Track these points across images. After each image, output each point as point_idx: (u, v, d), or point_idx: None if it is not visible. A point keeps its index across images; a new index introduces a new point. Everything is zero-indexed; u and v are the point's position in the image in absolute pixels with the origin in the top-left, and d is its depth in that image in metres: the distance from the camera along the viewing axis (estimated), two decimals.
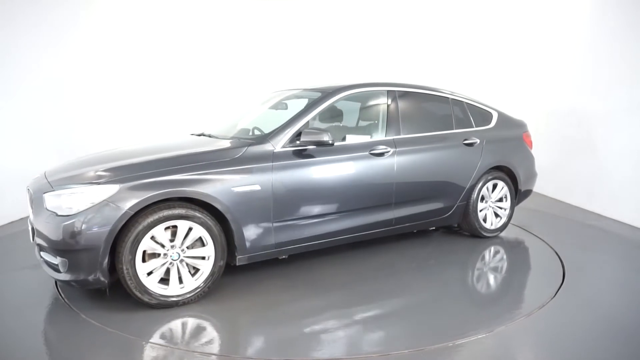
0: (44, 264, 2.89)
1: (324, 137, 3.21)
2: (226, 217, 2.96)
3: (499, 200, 4.44)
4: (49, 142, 5.56)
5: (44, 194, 2.82)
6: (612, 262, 4.07)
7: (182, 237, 2.87)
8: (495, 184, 4.38)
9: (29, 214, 2.99)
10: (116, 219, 2.63)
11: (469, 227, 4.33)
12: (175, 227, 2.85)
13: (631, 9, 5.02)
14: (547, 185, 6.26)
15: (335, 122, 3.96)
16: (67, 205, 2.68)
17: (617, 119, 5.25)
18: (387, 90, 3.92)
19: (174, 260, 2.87)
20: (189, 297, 2.92)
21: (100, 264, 2.66)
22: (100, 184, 2.71)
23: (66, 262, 2.67)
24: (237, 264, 3.11)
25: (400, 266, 3.71)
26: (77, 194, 2.70)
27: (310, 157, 3.32)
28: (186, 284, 2.92)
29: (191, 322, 2.77)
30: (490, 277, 3.65)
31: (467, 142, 4.16)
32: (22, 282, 3.38)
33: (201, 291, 2.96)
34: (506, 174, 4.45)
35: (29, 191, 3.05)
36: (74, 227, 2.62)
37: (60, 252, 2.68)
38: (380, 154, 3.62)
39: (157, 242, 2.81)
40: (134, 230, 2.70)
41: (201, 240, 2.94)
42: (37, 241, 2.84)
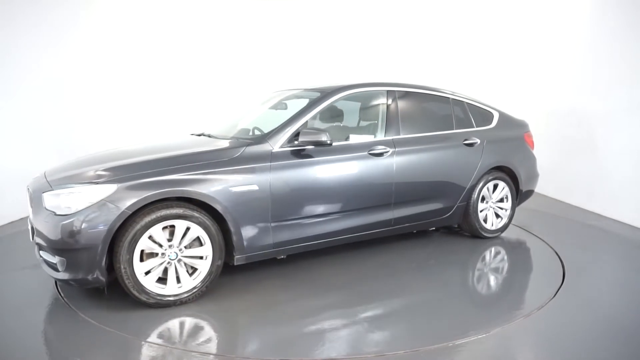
0: (43, 263, 2.91)
1: (322, 137, 3.21)
2: (224, 216, 2.96)
3: (500, 200, 4.43)
4: (49, 142, 5.56)
5: (43, 193, 2.83)
6: (612, 262, 4.07)
7: (180, 237, 2.87)
8: (496, 185, 4.37)
9: (29, 213, 3.00)
10: (114, 219, 2.65)
11: (469, 227, 4.33)
12: (173, 226, 2.85)
13: (631, 9, 5.02)
14: (547, 185, 6.26)
15: (334, 122, 3.95)
16: (66, 204, 2.70)
17: (617, 119, 5.25)
18: (387, 90, 3.92)
19: (171, 259, 2.87)
20: (187, 296, 2.93)
21: (98, 263, 2.67)
22: (98, 184, 2.72)
23: (64, 261, 2.69)
24: (235, 263, 3.11)
25: (400, 266, 3.71)
26: (76, 193, 2.71)
27: (308, 157, 3.32)
28: (184, 283, 2.93)
29: (189, 321, 2.77)
30: (490, 277, 3.65)
31: (468, 142, 4.15)
32: (22, 282, 3.38)
33: (199, 291, 2.97)
34: (507, 174, 4.43)
35: (29, 190, 3.06)
36: (72, 226, 2.63)
37: (58, 251, 2.69)
38: (379, 154, 3.62)
39: (155, 241, 2.81)
40: (131, 229, 2.71)
41: (199, 239, 2.94)
42: (37, 240, 2.85)
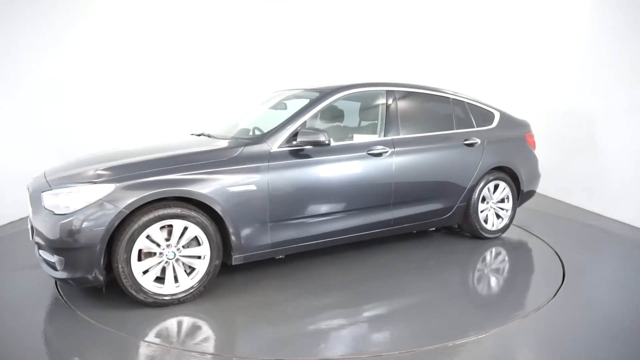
0: (43, 262, 2.92)
1: (320, 137, 3.22)
2: (222, 216, 2.97)
3: (501, 201, 4.41)
4: (49, 142, 5.56)
5: (42, 192, 2.85)
6: (612, 262, 4.07)
7: (178, 237, 2.88)
8: (496, 185, 4.36)
9: (29, 213, 3.00)
10: (112, 218, 2.66)
11: (470, 228, 4.31)
12: (171, 226, 2.86)
13: (631, 9, 5.02)
14: (547, 185, 6.25)
15: (333, 122, 3.95)
16: (65, 204, 2.71)
17: (617, 119, 5.25)
18: (386, 90, 3.91)
19: (169, 259, 2.88)
20: (185, 296, 2.93)
21: (96, 263, 2.69)
22: (96, 183, 2.74)
23: (63, 260, 2.70)
24: (233, 263, 3.12)
25: (400, 266, 3.71)
26: (74, 193, 2.73)
27: (307, 157, 3.32)
28: (182, 283, 2.94)
29: (187, 321, 2.77)
30: (490, 278, 3.64)
31: (468, 143, 4.14)
32: (22, 282, 3.38)
33: (197, 290, 2.97)
34: (508, 174, 4.41)
35: (29, 190, 3.07)
36: (70, 225, 2.64)
37: (57, 250, 2.70)
38: (378, 154, 3.62)
39: (153, 241, 2.82)
40: (129, 229, 2.72)
41: (197, 239, 2.95)
42: (36, 239, 2.87)
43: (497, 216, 4.42)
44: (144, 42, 7.43)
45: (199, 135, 3.92)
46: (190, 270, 2.99)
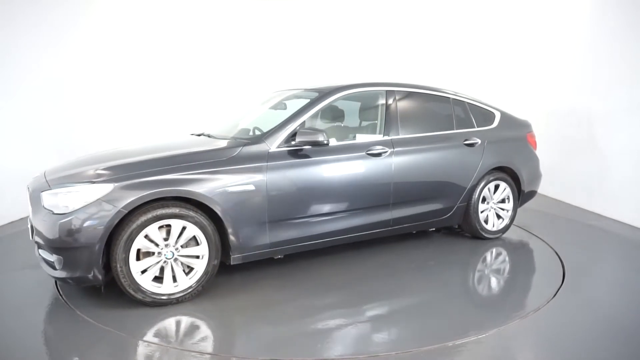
0: (42, 261, 2.93)
1: (318, 137, 3.21)
2: (220, 216, 2.97)
3: (501, 201, 4.40)
4: (49, 142, 5.56)
5: (41, 192, 2.86)
6: (612, 262, 4.07)
7: (176, 236, 2.89)
8: (497, 185, 4.34)
9: (29, 212, 3.01)
10: (110, 218, 2.67)
11: (470, 228, 4.30)
12: (169, 226, 2.87)
13: (631, 9, 5.02)
14: (547, 185, 6.24)
15: (333, 122, 3.94)
16: (63, 203, 2.72)
17: (617, 119, 5.24)
18: (386, 90, 3.91)
19: (168, 258, 2.89)
20: (183, 295, 2.94)
21: (95, 262, 2.70)
22: (95, 183, 2.74)
23: (61, 259, 2.71)
24: (232, 263, 3.12)
25: (400, 267, 3.71)
26: (73, 192, 2.74)
27: (305, 157, 3.32)
28: (180, 282, 2.94)
29: (186, 320, 2.77)
30: (490, 278, 3.64)
31: (468, 143, 4.14)
32: (22, 282, 3.38)
33: (195, 290, 2.98)
34: (509, 174, 4.40)
35: (29, 190, 3.08)
36: (69, 225, 2.65)
37: (56, 249, 2.71)
38: (377, 154, 3.61)
39: (151, 240, 2.83)
40: (127, 228, 2.73)
41: (195, 239, 2.95)
42: (36, 239, 2.88)
43: (498, 216, 4.41)
44: (144, 42, 7.43)
45: (199, 135, 3.92)
46: (188, 270, 2.99)
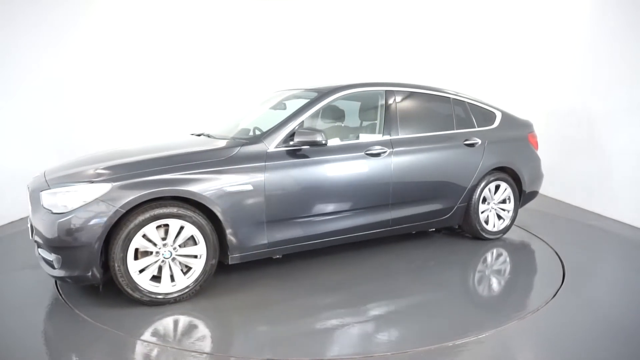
0: (41, 260, 2.95)
1: (317, 137, 3.22)
2: (218, 216, 2.98)
3: (502, 201, 4.38)
4: (49, 142, 5.56)
5: (41, 192, 2.87)
6: (612, 262, 4.07)
7: (174, 236, 2.89)
8: (497, 185, 4.32)
9: (29, 212, 3.01)
10: (108, 217, 2.68)
11: (470, 228, 4.29)
12: (167, 225, 2.87)
13: (631, 9, 5.01)
14: (547, 185, 6.24)
15: (332, 122, 3.94)
16: (62, 203, 2.73)
17: (617, 119, 5.24)
18: (385, 90, 3.90)
19: (165, 258, 2.89)
20: (181, 295, 2.94)
21: (93, 261, 2.71)
22: (93, 183, 2.75)
23: (60, 258, 2.72)
24: (230, 262, 3.13)
25: (400, 267, 3.71)
26: (72, 192, 2.75)
27: (304, 157, 3.32)
28: (178, 282, 2.95)
29: (184, 320, 2.78)
30: (490, 278, 3.64)
31: (468, 143, 4.13)
32: (22, 282, 3.38)
33: (192, 290, 2.98)
34: (510, 175, 4.38)
35: (29, 189, 3.09)
36: (67, 224, 2.66)
37: (54, 249, 2.73)
38: (376, 154, 3.61)
39: (149, 240, 2.84)
40: (125, 228, 2.74)
41: (193, 238, 2.96)
42: (35, 238, 2.89)
43: (499, 217, 4.39)
44: (144, 42, 7.43)
45: (199, 135, 3.92)
46: (186, 269, 3.00)
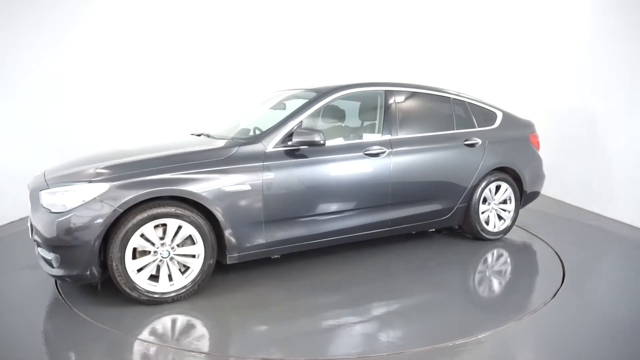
0: (41, 259, 2.95)
1: (315, 137, 3.22)
2: (215, 216, 2.98)
3: (503, 202, 4.36)
4: (49, 142, 5.56)
5: (40, 191, 2.88)
6: (612, 262, 4.07)
7: (172, 235, 2.90)
8: (498, 186, 4.30)
9: (29, 211, 3.02)
10: (106, 217, 2.69)
11: (470, 229, 4.27)
12: (165, 225, 2.88)
13: (631, 9, 5.01)
14: (547, 185, 6.23)
15: (331, 122, 3.93)
16: (61, 202, 2.74)
17: (617, 119, 5.24)
18: (384, 90, 3.89)
19: (164, 257, 2.90)
20: (178, 294, 2.95)
21: (91, 260, 2.72)
22: (91, 182, 2.77)
23: (59, 257, 2.73)
24: (228, 262, 3.13)
25: (400, 267, 3.70)
26: (70, 191, 2.76)
27: (302, 157, 3.32)
28: (176, 281, 2.95)
29: (182, 319, 2.78)
30: (490, 278, 3.64)
31: (468, 143, 4.12)
32: (22, 282, 3.38)
33: (190, 289, 2.99)
34: (510, 175, 4.36)
35: (29, 188, 3.10)
36: (66, 224, 2.68)
37: (53, 248, 2.74)
38: (375, 155, 3.60)
39: (147, 239, 2.85)
40: (123, 227, 2.75)
41: (191, 238, 2.97)
42: (35, 237, 2.90)
43: (499, 217, 4.38)
44: (144, 42, 7.43)
45: (199, 135, 3.92)
46: (184, 269, 3.00)
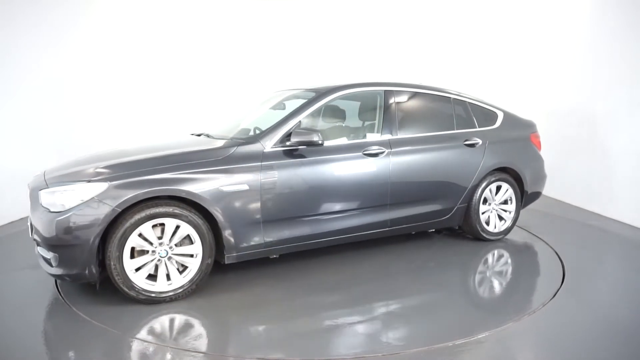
0: (40, 258, 2.96)
1: (313, 137, 3.22)
2: (213, 215, 2.99)
3: (504, 202, 4.34)
4: (49, 142, 5.56)
5: (39, 191, 2.89)
6: (612, 262, 4.07)
7: (170, 235, 2.91)
8: (499, 186, 4.28)
9: (29, 211, 3.03)
10: (104, 216, 2.70)
11: (471, 229, 4.26)
12: (163, 224, 2.89)
13: (631, 9, 5.01)
14: (547, 185, 6.23)
15: (330, 122, 3.93)
16: (60, 202, 2.75)
17: (617, 119, 5.24)
18: (384, 90, 3.89)
19: (162, 257, 2.91)
20: (176, 294, 2.96)
21: (90, 259, 2.73)
22: (90, 182, 2.77)
23: (57, 256, 2.74)
24: (226, 262, 3.14)
25: (399, 267, 3.70)
26: (69, 191, 2.77)
27: (301, 157, 3.32)
28: (174, 281, 2.96)
29: (180, 319, 2.79)
30: (490, 278, 3.64)
31: (468, 143, 4.11)
32: (22, 282, 3.38)
33: (189, 289, 3.00)
34: (511, 175, 4.34)
35: (29, 188, 3.10)
36: (64, 223, 2.69)
37: (52, 247, 2.75)
38: (374, 155, 3.60)
39: (145, 239, 2.85)
40: (121, 227, 2.76)
41: (189, 238, 2.97)
42: (34, 237, 2.92)
43: (500, 218, 4.36)
44: (144, 42, 7.43)
45: (199, 135, 3.92)
46: (183, 268, 3.01)
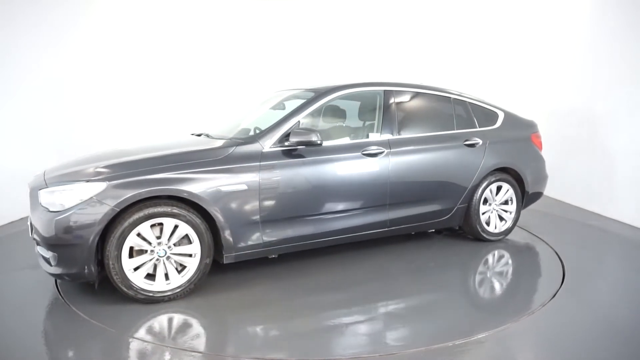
0: (40, 258, 2.97)
1: (312, 137, 3.22)
2: (212, 215, 2.99)
3: (504, 203, 4.33)
4: (49, 142, 5.56)
5: (39, 190, 2.90)
6: (612, 262, 4.07)
7: (168, 235, 2.91)
8: (499, 186, 4.27)
9: (29, 210, 3.03)
10: (102, 216, 2.71)
11: (471, 230, 4.25)
12: (162, 224, 2.89)
13: (631, 9, 5.01)
14: (548, 185, 6.25)
15: (329, 122, 3.93)
16: (59, 201, 2.76)
17: (617, 119, 5.24)
18: (383, 90, 3.88)
19: (160, 256, 2.91)
20: (175, 293, 2.96)
21: (89, 259, 2.74)
22: (89, 182, 2.78)
23: (56, 256, 2.75)
24: (225, 262, 3.14)
25: (400, 267, 3.70)
26: (68, 190, 2.78)
27: (300, 157, 3.32)
28: (172, 280, 2.96)
29: (179, 318, 2.79)
30: (490, 278, 3.64)
31: (468, 143, 4.10)
32: (22, 282, 3.38)
33: (186, 288, 3.00)
34: (512, 176, 4.33)
35: (29, 188, 3.11)
36: (63, 222, 2.70)
37: (51, 246, 2.76)
38: (373, 155, 3.60)
39: (144, 238, 2.86)
40: (119, 227, 2.76)
41: (188, 237, 2.98)
42: (34, 236, 2.93)
43: (500, 218, 4.35)
44: (144, 42, 7.43)
45: (199, 135, 3.92)
46: (181, 268, 3.01)
